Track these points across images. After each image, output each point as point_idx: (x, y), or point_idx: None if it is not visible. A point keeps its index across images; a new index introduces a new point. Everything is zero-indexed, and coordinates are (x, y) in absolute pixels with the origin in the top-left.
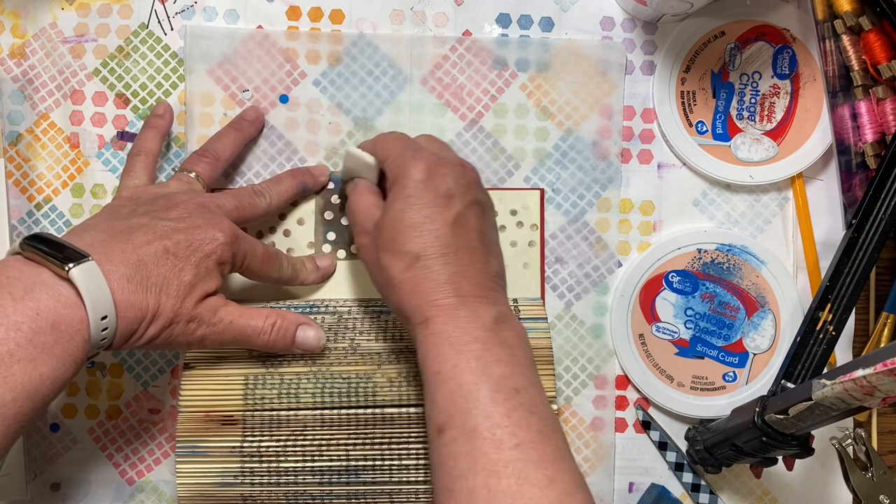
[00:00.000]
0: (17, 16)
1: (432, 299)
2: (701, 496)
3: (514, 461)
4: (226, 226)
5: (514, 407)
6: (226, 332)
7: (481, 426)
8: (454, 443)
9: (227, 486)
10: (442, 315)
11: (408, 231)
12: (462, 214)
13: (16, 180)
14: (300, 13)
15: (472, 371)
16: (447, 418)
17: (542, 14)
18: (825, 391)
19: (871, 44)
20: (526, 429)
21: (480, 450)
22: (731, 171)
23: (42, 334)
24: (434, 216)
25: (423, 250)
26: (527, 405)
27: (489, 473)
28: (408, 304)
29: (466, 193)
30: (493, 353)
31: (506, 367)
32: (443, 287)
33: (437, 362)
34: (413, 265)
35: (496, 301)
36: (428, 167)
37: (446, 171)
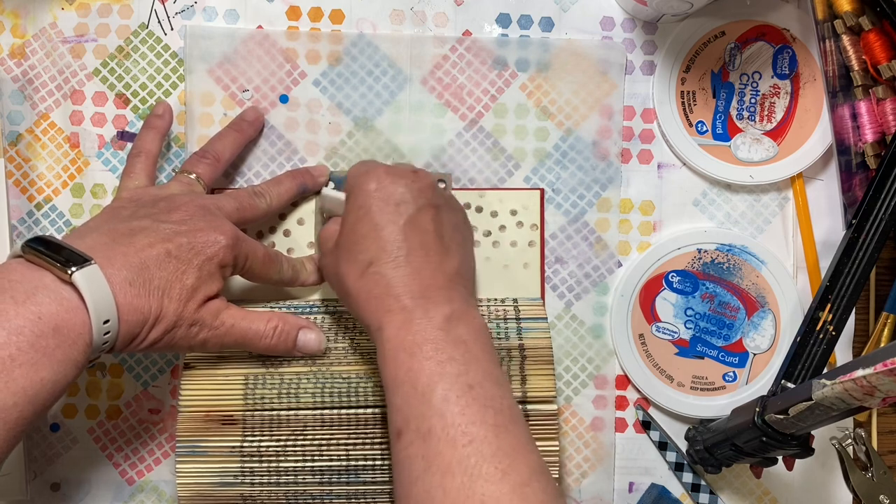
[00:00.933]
0: (17, 16)
1: (385, 305)
2: (701, 496)
3: (468, 457)
4: (227, 228)
5: (467, 403)
6: (227, 336)
7: (435, 427)
8: (411, 446)
9: (227, 485)
10: (395, 320)
11: (360, 240)
12: (413, 218)
13: (16, 180)
14: (300, 13)
15: (425, 373)
16: (403, 422)
17: (542, 14)
18: (825, 391)
19: (871, 44)
20: (480, 424)
21: (435, 450)
22: (731, 171)
23: (44, 338)
24: (385, 223)
25: (374, 257)
26: (481, 400)
27: (444, 473)
28: (365, 312)
29: (418, 198)
30: (446, 352)
31: (459, 365)
32: (394, 290)
33: (392, 367)
34: (365, 272)
35: (450, 299)
36: (377, 178)
37: (395, 179)
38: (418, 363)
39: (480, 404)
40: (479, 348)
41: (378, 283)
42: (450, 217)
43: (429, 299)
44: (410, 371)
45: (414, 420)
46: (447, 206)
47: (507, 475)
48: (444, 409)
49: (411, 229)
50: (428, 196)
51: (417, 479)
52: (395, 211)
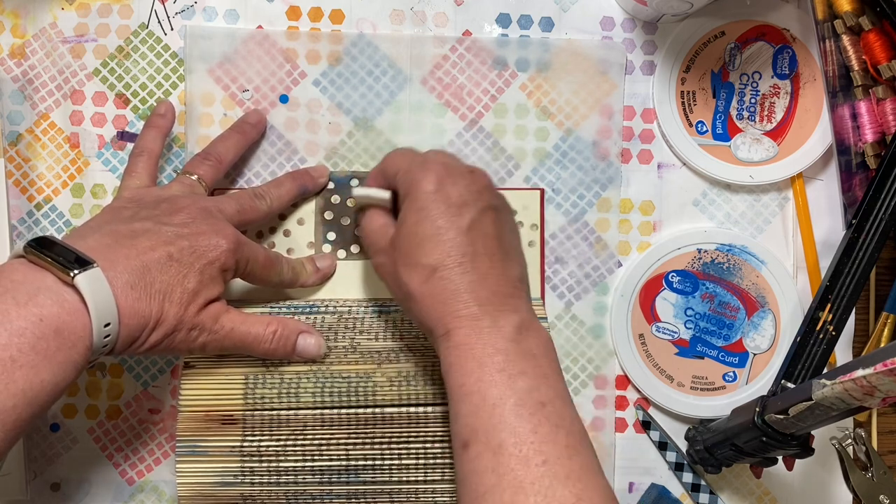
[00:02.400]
0: (17, 16)
1: (452, 310)
2: (701, 496)
3: (541, 478)
4: (229, 232)
5: (539, 421)
6: (226, 339)
7: (507, 442)
8: (479, 458)
9: (227, 485)
10: (463, 326)
11: (423, 243)
12: (476, 221)
13: (16, 180)
14: (300, 13)
15: (496, 385)
16: (472, 433)
17: (542, 14)
18: (825, 391)
19: (871, 44)
20: (552, 444)
21: (506, 466)
22: (731, 171)
23: (45, 341)
24: (448, 226)
25: (439, 261)
26: (553, 419)
27: (515, 491)
28: (429, 317)
29: (479, 199)
30: (517, 366)
31: (530, 380)
32: (462, 297)
33: (460, 375)
34: (431, 277)
35: (517, 308)
36: (437, 177)
37: (456, 179)
38: (489, 374)
39: (553, 424)
40: (547, 363)
41: (445, 289)
42: (508, 219)
43: (497, 307)
44: (481, 382)
45: (483, 432)
46: (504, 209)
47: (581, 501)
48: (517, 426)
49: (475, 233)
50: (487, 197)
51: (486, 494)
52: (458, 214)
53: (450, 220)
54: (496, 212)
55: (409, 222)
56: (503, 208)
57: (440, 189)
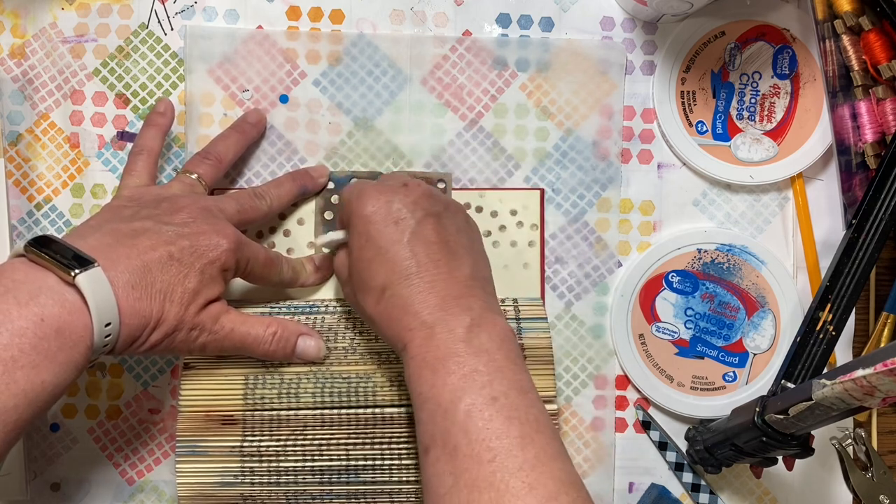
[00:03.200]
0: (17, 16)
1: (405, 325)
2: (701, 496)
3: (493, 473)
4: (230, 232)
5: (491, 417)
6: (226, 340)
7: (460, 443)
8: (438, 462)
9: (227, 485)
10: (416, 338)
11: (369, 266)
12: (416, 232)
13: (16, 180)
14: (300, 13)
15: (448, 388)
16: (430, 439)
17: (542, 14)
18: (825, 391)
19: (871, 44)
20: (504, 437)
21: (462, 467)
22: (731, 171)
23: (46, 341)
24: (388, 244)
25: (386, 280)
26: (505, 411)
27: (471, 489)
28: (389, 336)
29: (415, 211)
30: (469, 365)
31: (483, 377)
32: (412, 309)
33: (417, 385)
34: (381, 297)
35: (469, 307)
36: (370, 200)
37: (389, 197)
38: (441, 379)
39: (504, 416)
40: (502, 356)
41: (395, 305)
42: (452, 222)
43: (447, 311)
44: (434, 387)
45: (440, 436)
46: (446, 212)
47: (534, 489)
48: (468, 425)
49: (416, 244)
50: (425, 206)
51: (445, 496)
52: (396, 229)
53: (389, 237)
54: (436, 218)
55: (354, 249)
56: (445, 212)
57: (375, 211)
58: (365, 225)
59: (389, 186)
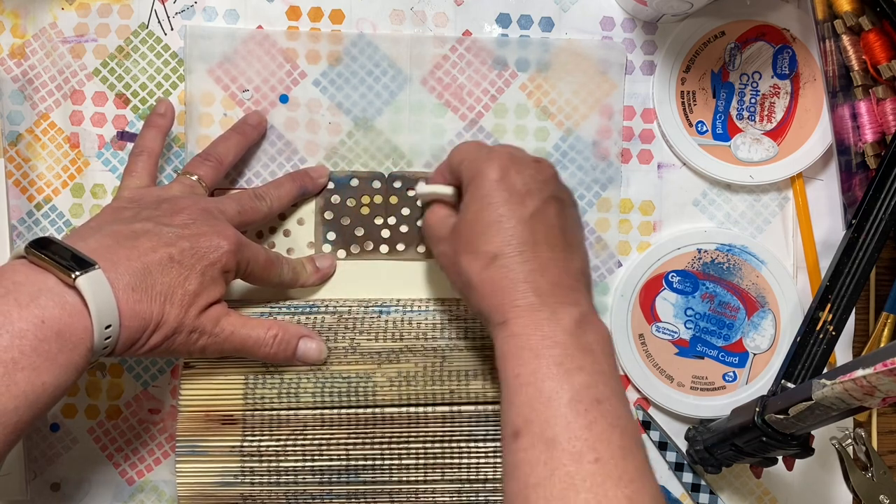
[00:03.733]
0: (17, 16)
1: (511, 299)
2: (701, 496)
3: (594, 475)
4: (230, 233)
5: (595, 419)
6: (227, 343)
7: (560, 436)
8: (532, 449)
9: (227, 485)
10: (522, 316)
11: (485, 231)
12: (539, 211)
13: (16, 180)
14: (300, 13)
15: (553, 378)
16: (525, 423)
17: (542, 14)
18: (825, 391)
19: (871, 44)
20: (607, 443)
21: (559, 461)
22: (731, 171)
23: (46, 343)
24: (510, 214)
25: (500, 249)
26: (609, 417)
27: (567, 486)
28: (487, 305)
29: (543, 189)
30: (575, 360)
31: (587, 376)
32: (521, 286)
33: (516, 365)
34: (491, 264)
35: (578, 301)
36: (501, 166)
37: (520, 168)
38: (546, 366)
39: (608, 422)
40: (605, 360)
41: (504, 277)
42: (571, 212)
43: (557, 298)
44: (536, 373)
45: (537, 424)
46: (569, 200)
47: (633, 502)
48: (572, 421)
49: (537, 222)
50: (553, 188)
51: (537, 486)
52: (521, 202)
53: (512, 208)
54: (560, 203)
55: (471, 210)
56: (568, 201)
57: (504, 178)
58: (490, 188)
59: (522, 158)
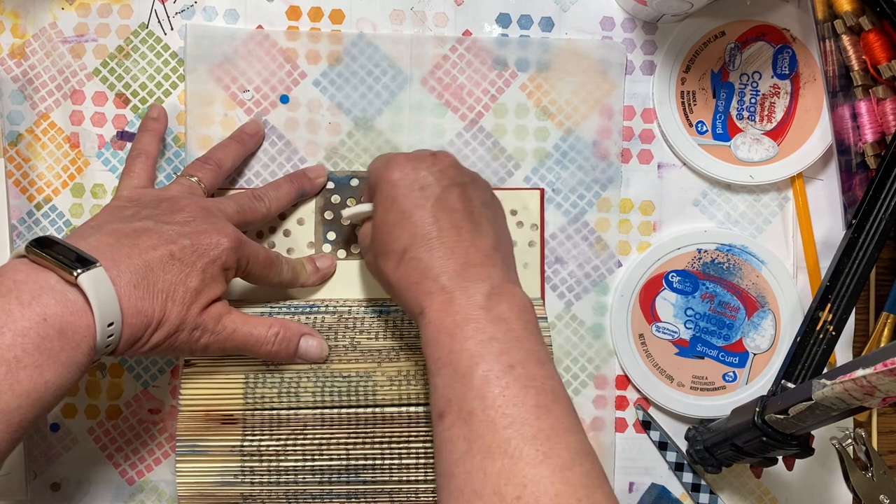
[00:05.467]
0: (17, 16)
1: (424, 289)
2: (701, 496)
3: (508, 440)
4: (230, 231)
5: (507, 384)
6: (228, 341)
7: (476, 409)
8: (453, 427)
9: (227, 485)
10: (435, 302)
11: (392, 229)
12: (440, 198)
13: (16, 180)
14: (300, 13)
15: (466, 353)
16: (446, 403)
17: (542, 14)
18: (825, 391)
19: (871, 44)
20: (521, 405)
21: (477, 432)
22: (731, 171)
23: (49, 341)
24: (412, 209)
25: (407, 243)
26: (522, 380)
27: (485, 455)
28: (406, 300)
29: (441, 179)
30: (487, 332)
31: (500, 344)
32: (431, 273)
33: (434, 349)
34: (401, 260)
35: (489, 276)
36: (399, 167)
37: (416, 164)
38: (459, 344)
39: (521, 385)
40: (520, 326)
41: (415, 269)
42: (477, 194)
43: (466, 278)
44: (452, 353)
45: (456, 401)
46: (473, 184)
47: (548, 458)
48: (485, 391)
49: (440, 210)
50: (451, 175)
51: (459, 460)
52: (421, 195)
53: (413, 202)
54: (462, 187)
55: (379, 213)
56: (472, 184)
57: (402, 177)
58: (391, 189)
59: (417, 155)
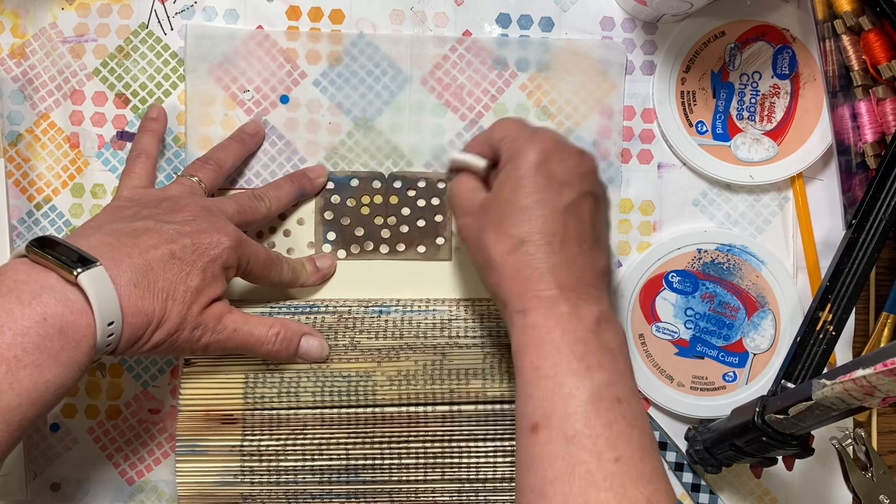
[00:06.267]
0: (17, 16)
1: (533, 288)
2: (701, 496)
3: (614, 475)
4: (231, 230)
5: (615, 418)
6: (229, 340)
7: (581, 433)
8: (550, 444)
9: (226, 484)
10: (543, 307)
11: (516, 213)
12: (574, 204)
13: (16, 180)
14: (300, 13)
15: (574, 373)
16: (544, 417)
17: (542, 14)
18: (825, 391)
19: (871, 44)
20: (627, 442)
21: (579, 458)
22: (731, 171)
23: (49, 340)
24: (545, 202)
25: (528, 235)
26: (628, 417)
27: (587, 484)
28: (507, 289)
29: (582, 183)
30: (595, 357)
31: (608, 374)
32: (545, 277)
33: (536, 357)
34: (517, 249)
35: (599, 300)
36: (544, 150)
37: (563, 156)
38: (567, 361)
39: (627, 422)
40: (623, 360)
41: (529, 265)
42: (604, 211)
43: (580, 295)
44: (557, 367)
45: (557, 419)
46: (604, 198)
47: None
48: (593, 418)
49: (571, 216)
50: (591, 182)
51: (555, 480)
52: (559, 192)
53: (548, 196)
54: (595, 199)
55: (506, 189)
56: (603, 198)
57: (544, 163)
58: (529, 171)
59: (566, 146)
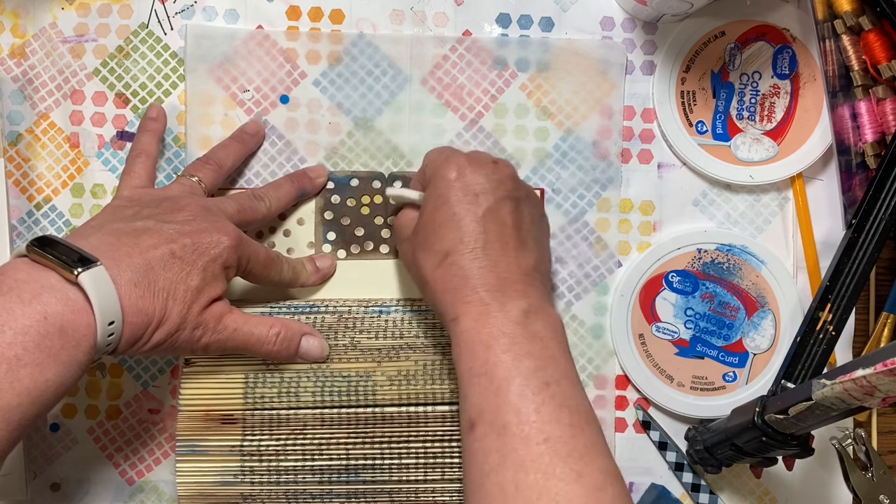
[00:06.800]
0: (17, 16)
1: (462, 296)
2: (701, 496)
3: (542, 456)
4: (231, 229)
5: (543, 401)
6: (229, 340)
7: (511, 422)
8: (485, 438)
9: (226, 484)
10: (471, 312)
11: (439, 229)
12: (492, 210)
13: (16, 180)
14: (300, 13)
15: (502, 366)
16: (478, 414)
17: (542, 14)
18: (825, 391)
19: (871, 44)
20: (556, 423)
21: (510, 446)
22: (731, 171)
23: (49, 339)
24: (463, 213)
25: (452, 247)
26: (558, 398)
27: (517, 469)
28: (440, 302)
29: (497, 189)
30: (523, 347)
31: (536, 360)
32: (471, 283)
33: (468, 359)
34: (442, 262)
35: (526, 294)
36: (458, 167)
37: (476, 168)
38: (495, 356)
39: (557, 403)
40: (555, 346)
41: (455, 275)
42: (528, 211)
43: (505, 293)
44: (487, 363)
45: (489, 413)
46: (526, 200)
47: (582, 477)
48: (520, 405)
49: (490, 221)
50: (508, 187)
51: (490, 473)
52: (475, 201)
53: (466, 207)
54: (515, 202)
55: (428, 209)
56: (525, 199)
57: (459, 177)
58: (446, 188)
59: (479, 159)
